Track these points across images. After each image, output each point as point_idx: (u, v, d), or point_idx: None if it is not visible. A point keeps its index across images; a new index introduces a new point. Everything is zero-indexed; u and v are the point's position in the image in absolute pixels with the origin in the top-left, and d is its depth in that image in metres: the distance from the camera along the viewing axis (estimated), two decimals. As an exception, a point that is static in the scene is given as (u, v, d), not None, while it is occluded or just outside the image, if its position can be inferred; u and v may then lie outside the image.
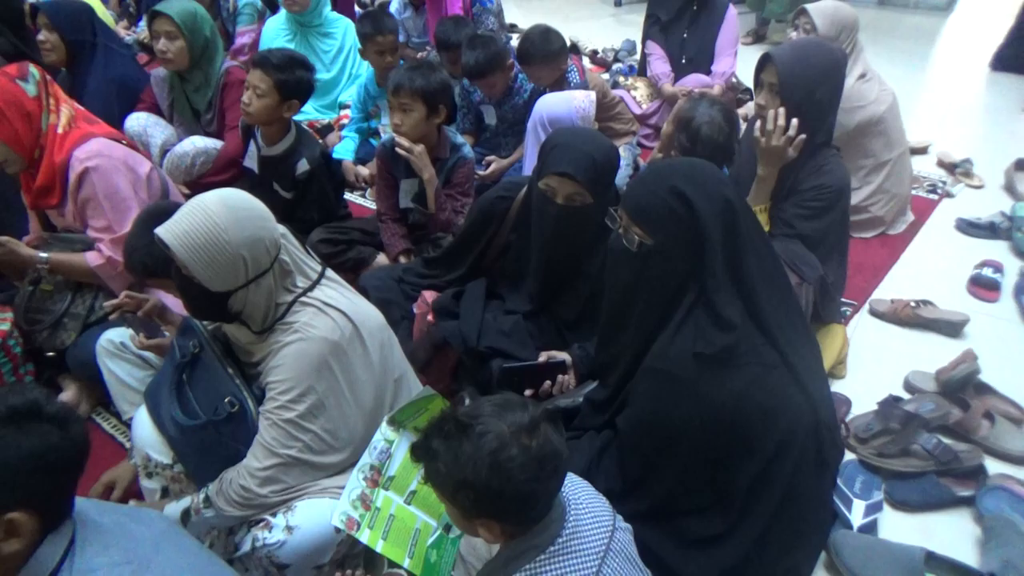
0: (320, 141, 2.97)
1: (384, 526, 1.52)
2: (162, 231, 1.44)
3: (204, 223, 1.42)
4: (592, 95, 2.63)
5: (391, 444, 1.57)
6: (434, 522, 1.59)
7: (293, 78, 2.54)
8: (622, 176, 3.18)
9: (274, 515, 1.52)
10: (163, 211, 1.90)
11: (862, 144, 2.88)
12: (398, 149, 2.46)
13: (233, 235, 1.42)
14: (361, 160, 3.39)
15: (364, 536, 1.48)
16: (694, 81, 3.60)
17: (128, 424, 1.96)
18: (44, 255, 2.18)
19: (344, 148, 3.43)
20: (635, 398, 1.59)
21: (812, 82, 2.15)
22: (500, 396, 1.22)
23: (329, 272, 1.62)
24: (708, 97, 2.38)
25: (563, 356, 1.91)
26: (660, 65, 3.73)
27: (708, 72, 3.66)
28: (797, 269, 2.15)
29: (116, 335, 1.99)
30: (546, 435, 1.15)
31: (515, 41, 4.78)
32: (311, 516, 1.52)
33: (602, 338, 1.81)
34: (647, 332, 1.58)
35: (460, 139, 2.64)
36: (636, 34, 4.83)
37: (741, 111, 3.40)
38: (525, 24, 5.16)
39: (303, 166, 2.61)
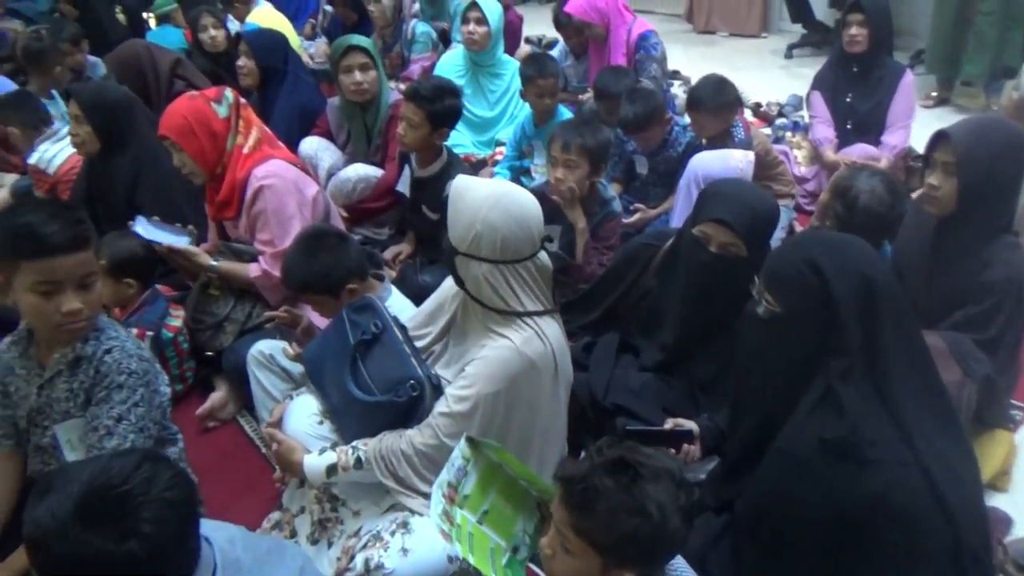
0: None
1: (468, 542, 1.51)
2: (459, 177, 1.69)
3: (482, 187, 1.65)
4: (751, 155, 2.56)
5: (467, 462, 1.56)
6: (503, 543, 1.56)
7: (442, 108, 2.68)
8: (775, 239, 3.05)
9: (392, 534, 1.57)
10: (322, 233, 2.06)
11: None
12: (555, 197, 2.51)
13: (483, 209, 1.58)
14: (510, 198, 3.46)
15: (458, 548, 1.47)
16: (860, 152, 3.34)
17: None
18: (215, 263, 2.39)
19: (495, 185, 3.51)
20: (759, 480, 1.51)
21: (992, 162, 1.98)
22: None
23: (558, 315, 1.74)
24: (871, 167, 2.25)
25: (691, 425, 1.85)
26: (823, 129, 3.51)
27: (876, 142, 3.40)
28: (963, 363, 1.97)
29: (267, 347, 2.14)
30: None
31: (676, 88, 4.76)
32: (427, 541, 1.55)
33: (732, 411, 1.74)
34: (771, 409, 1.52)
35: (611, 192, 2.67)
36: (805, 89, 4.65)
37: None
38: (688, 71, 5.11)
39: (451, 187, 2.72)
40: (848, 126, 3.50)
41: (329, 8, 5.32)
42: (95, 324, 1.59)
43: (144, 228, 2.38)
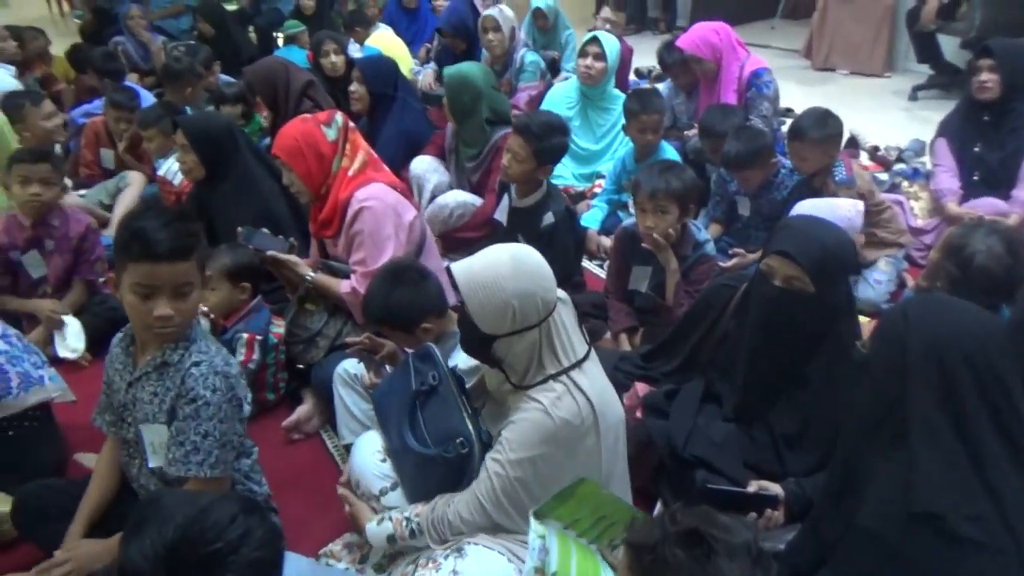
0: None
1: None
2: (455, 266, 1.61)
3: (489, 266, 1.57)
4: (859, 204, 2.43)
5: (543, 539, 1.53)
6: None
7: (550, 145, 2.68)
8: (882, 292, 2.91)
9: (445, 558, 1.57)
10: (402, 269, 2.09)
11: None
12: (645, 244, 2.47)
13: (509, 284, 1.54)
14: (606, 231, 3.43)
15: None
16: (987, 206, 3.11)
17: (347, 448, 2.15)
18: (311, 275, 2.48)
19: (591, 217, 3.50)
20: (844, 561, 1.41)
21: None
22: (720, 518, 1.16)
23: (592, 354, 1.67)
24: (989, 223, 2.10)
25: (776, 490, 1.76)
26: (947, 180, 3.29)
27: (1006, 196, 3.15)
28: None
29: (352, 366, 2.20)
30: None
31: (787, 127, 4.61)
32: (478, 566, 1.54)
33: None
34: (852, 460, 1.45)
35: (704, 235, 2.58)
36: (929, 134, 4.42)
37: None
38: (802, 109, 4.93)
39: (548, 219, 2.73)
40: (975, 177, 3.28)
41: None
42: (187, 335, 1.65)
43: (250, 239, 2.50)
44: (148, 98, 4.48)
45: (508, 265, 1.56)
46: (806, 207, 2.43)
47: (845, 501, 1.44)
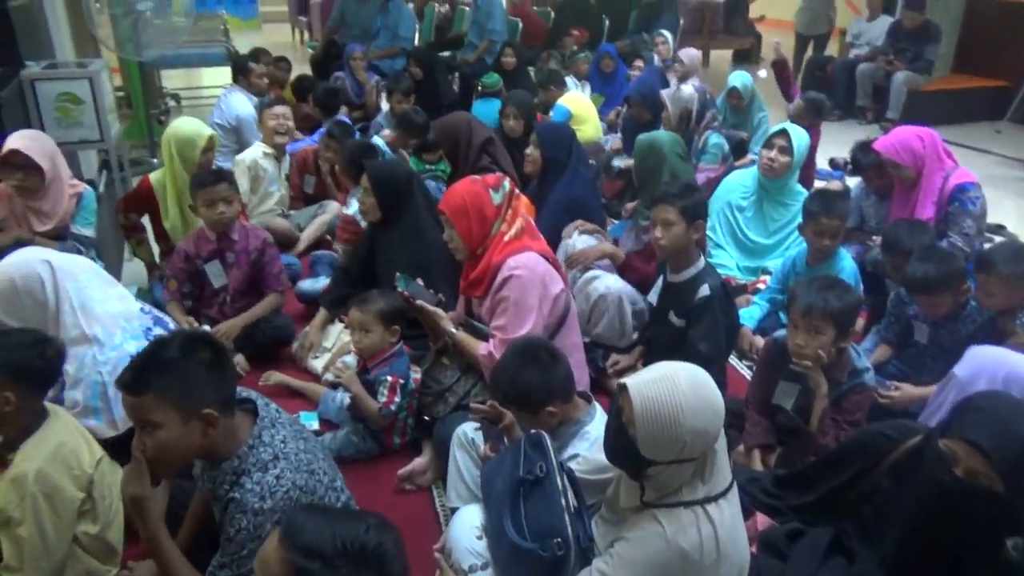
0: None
1: None
2: (631, 384, 1.52)
3: (670, 395, 1.48)
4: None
5: None
6: None
7: (692, 200, 2.67)
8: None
9: None
10: (535, 348, 2.07)
11: None
12: (794, 367, 2.32)
13: (687, 421, 1.46)
14: (762, 331, 3.25)
15: None
16: None
17: (453, 511, 2.14)
18: (453, 331, 2.54)
19: (749, 314, 3.33)
20: None
21: None
22: None
23: (733, 488, 1.60)
24: None
25: None
26: None
27: None
28: None
29: (471, 430, 2.22)
30: None
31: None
32: None
33: None
34: None
35: (864, 362, 2.35)
36: None
37: None
38: (1020, 229, 4.46)
39: (703, 291, 2.66)
40: None
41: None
42: (237, 466, 1.61)
43: (405, 286, 2.61)
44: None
45: (690, 399, 1.47)
46: (986, 359, 2.12)
47: None
